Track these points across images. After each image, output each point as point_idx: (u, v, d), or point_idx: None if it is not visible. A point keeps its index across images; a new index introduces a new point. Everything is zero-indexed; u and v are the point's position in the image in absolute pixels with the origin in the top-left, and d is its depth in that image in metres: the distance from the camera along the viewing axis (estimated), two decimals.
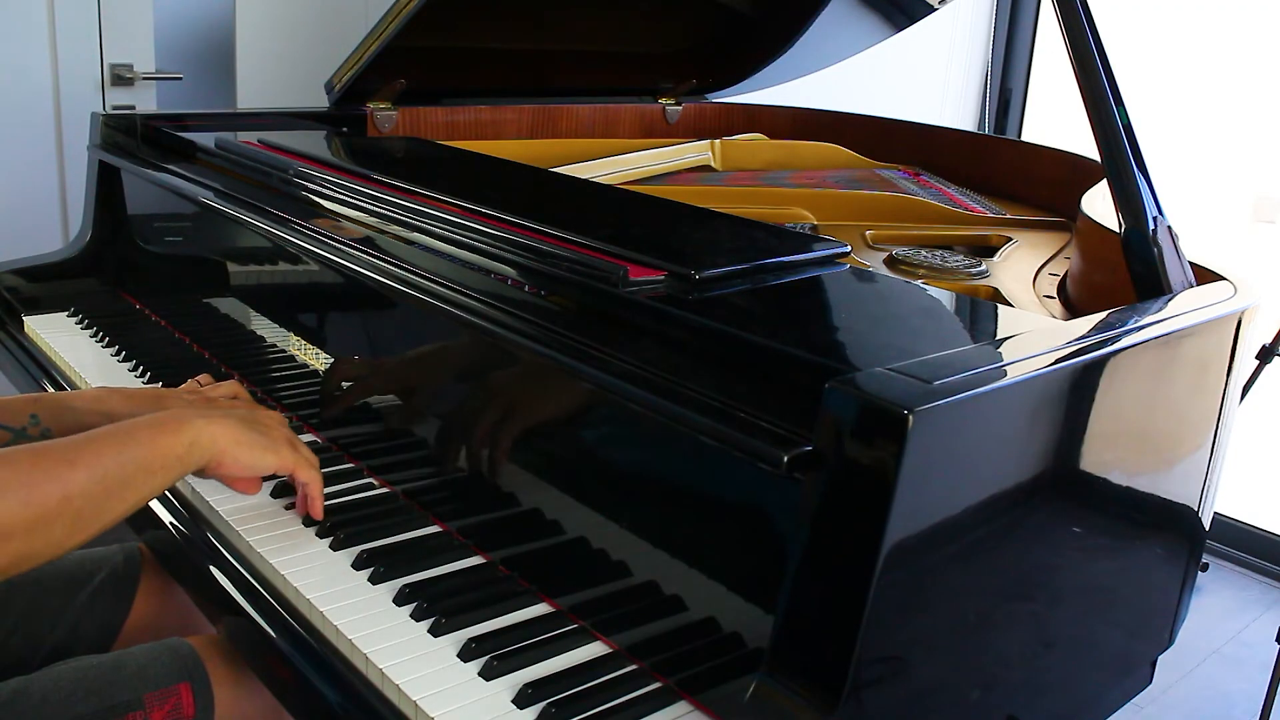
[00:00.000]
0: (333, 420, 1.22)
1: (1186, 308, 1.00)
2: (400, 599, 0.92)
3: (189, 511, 1.08)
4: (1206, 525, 1.10)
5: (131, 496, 0.87)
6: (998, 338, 0.92)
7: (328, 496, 1.04)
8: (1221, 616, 2.65)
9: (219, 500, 1.06)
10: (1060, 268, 1.40)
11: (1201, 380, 1.02)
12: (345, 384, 1.20)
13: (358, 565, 0.96)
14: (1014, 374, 0.76)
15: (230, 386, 1.21)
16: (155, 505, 1.09)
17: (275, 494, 1.07)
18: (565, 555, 0.94)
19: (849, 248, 1.09)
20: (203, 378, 1.23)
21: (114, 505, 0.86)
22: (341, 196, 1.27)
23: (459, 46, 1.87)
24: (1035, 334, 0.87)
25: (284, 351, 1.33)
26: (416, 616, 0.90)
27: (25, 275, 1.68)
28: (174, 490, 1.11)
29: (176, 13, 2.66)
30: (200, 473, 0.96)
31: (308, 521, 1.03)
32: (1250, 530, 2.90)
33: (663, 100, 2.22)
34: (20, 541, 0.79)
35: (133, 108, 2.34)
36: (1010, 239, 1.51)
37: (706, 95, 2.27)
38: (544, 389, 0.96)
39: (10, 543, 0.78)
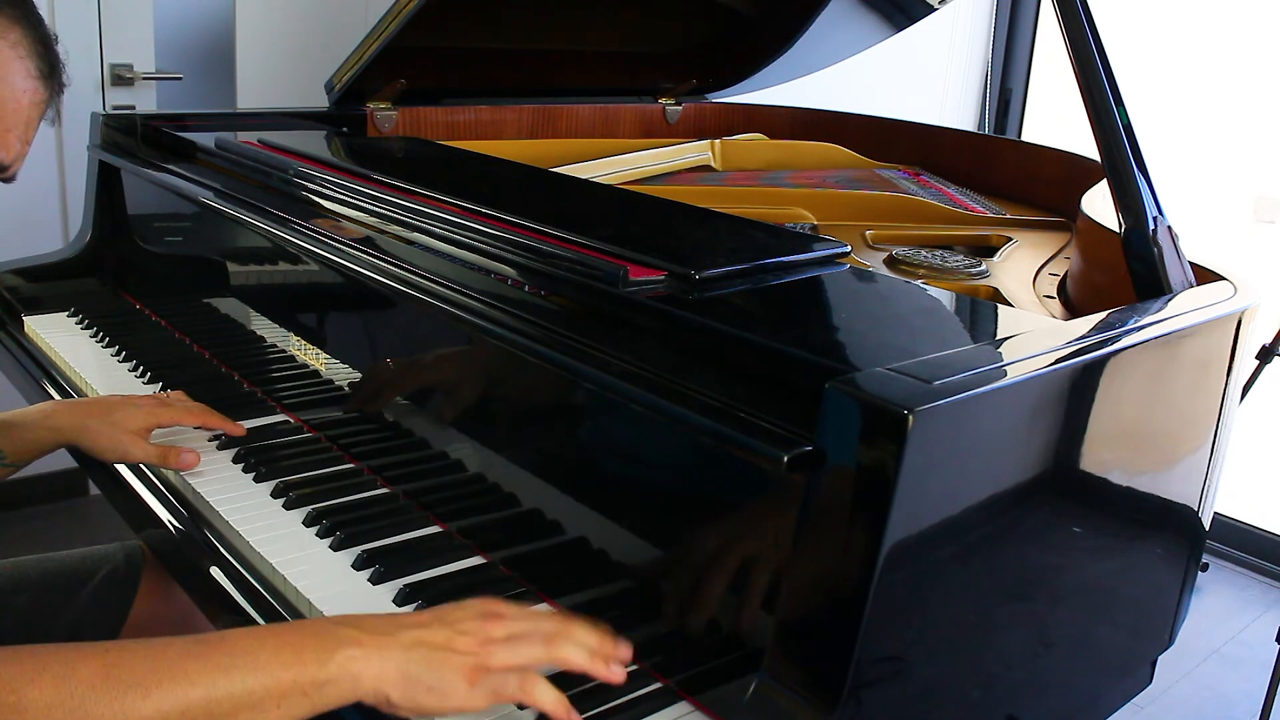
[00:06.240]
0: (333, 420, 1.22)
1: (1186, 308, 1.00)
2: (401, 599, 0.92)
3: (189, 511, 1.07)
4: (1206, 525, 1.10)
5: None
6: (998, 338, 0.92)
7: (336, 507, 1.03)
8: (1221, 616, 2.65)
9: (219, 500, 1.06)
10: (1060, 268, 1.40)
11: (1201, 380, 1.02)
12: (351, 388, 1.20)
13: (358, 565, 0.96)
14: (1014, 374, 0.76)
15: (192, 413, 1.13)
16: (155, 504, 1.09)
17: (275, 494, 1.07)
18: (565, 555, 0.94)
19: (849, 248, 1.08)
20: (198, 409, 1.16)
21: None
22: (341, 196, 1.27)
23: (459, 46, 1.87)
24: (1035, 334, 0.87)
25: (284, 351, 1.33)
26: None
27: (25, 275, 1.68)
28: (173, 489, 1.11)
29: (176, 13, 2.67)
30: None
31: (308, 521, 1.03)
32: (1250, 530, 2.90)
33: (663, 100, 2.22)
34: None
35: (133, 108, 2.35)
36: (1010, 239, 1.51)
37: (706, 95, 2.27)
38: (544, 389, 0.96)
39: None
